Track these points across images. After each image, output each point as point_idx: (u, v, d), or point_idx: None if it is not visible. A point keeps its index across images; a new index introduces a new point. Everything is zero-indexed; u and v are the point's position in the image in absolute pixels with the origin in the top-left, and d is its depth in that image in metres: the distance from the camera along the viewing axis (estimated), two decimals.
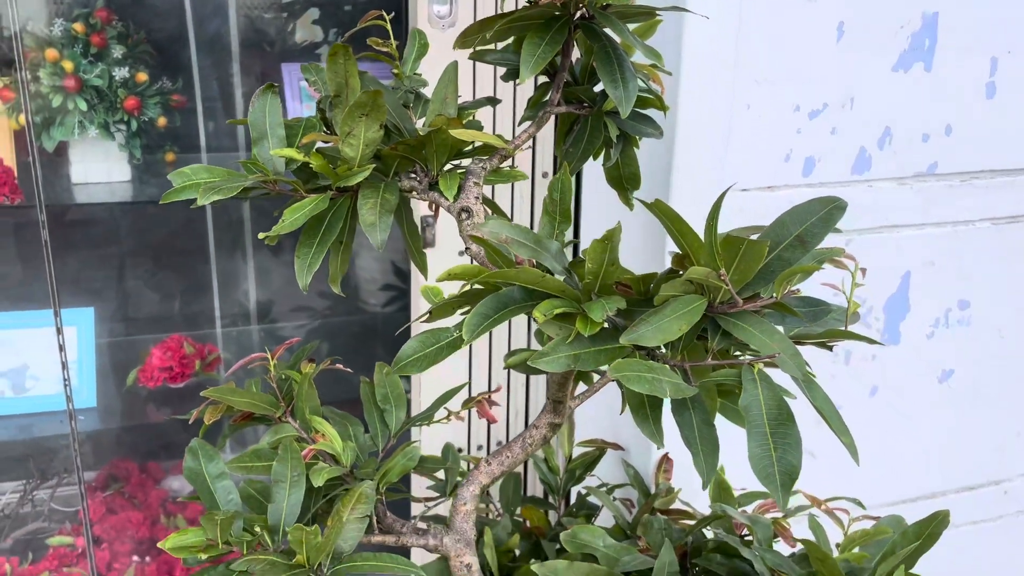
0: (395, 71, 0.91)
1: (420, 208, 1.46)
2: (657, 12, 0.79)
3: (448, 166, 0.86)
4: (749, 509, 1.18)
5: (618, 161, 0.94)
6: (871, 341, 0.67)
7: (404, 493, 1.00)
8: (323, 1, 1.88)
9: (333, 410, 1.03)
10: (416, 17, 1.35)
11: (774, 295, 0.61)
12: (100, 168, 1.62)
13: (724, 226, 0.64)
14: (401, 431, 1.01)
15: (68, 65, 1.51)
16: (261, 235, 0.78)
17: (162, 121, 1.65)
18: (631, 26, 0.82)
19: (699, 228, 0.64)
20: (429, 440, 1.52)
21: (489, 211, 0.81)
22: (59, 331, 1.54)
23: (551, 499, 1.33)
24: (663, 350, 0.65)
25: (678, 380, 0.57)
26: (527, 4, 0.71)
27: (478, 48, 0.82)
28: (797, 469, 0.55)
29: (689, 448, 0.59)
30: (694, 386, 0.59)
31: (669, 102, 1.22)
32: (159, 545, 0.80)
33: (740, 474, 1.11)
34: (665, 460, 1.35)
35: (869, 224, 1.37)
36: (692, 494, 1.24)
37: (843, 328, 0.69)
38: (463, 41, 0.73)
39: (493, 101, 0.93)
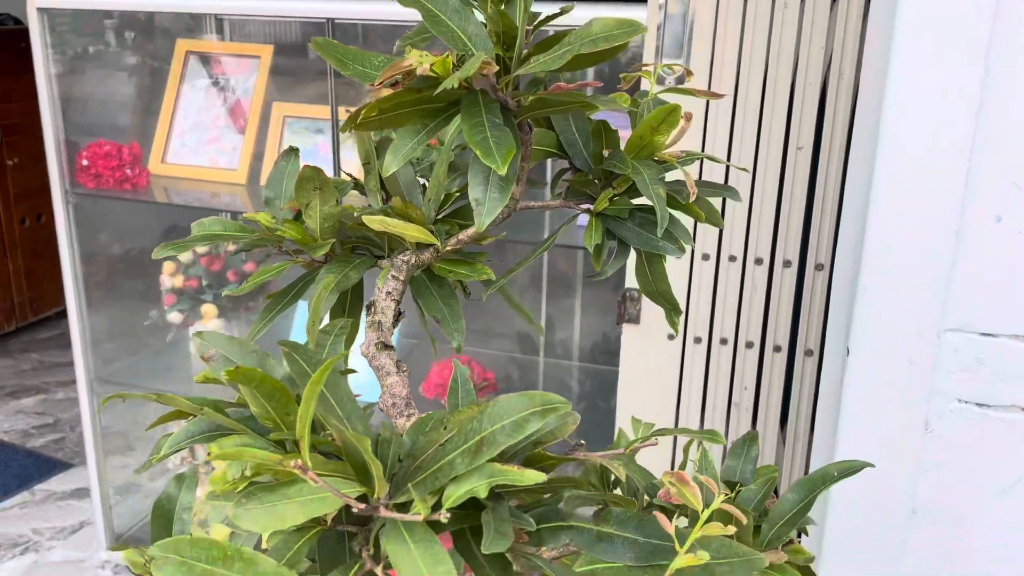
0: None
1: (630, 279, 1.32)
2: (592, 103, 0.60)
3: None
4: None
5: (647, 274, 0.75)
6: None
7: None
8: None
9: None
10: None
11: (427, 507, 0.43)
12: None
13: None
14: None
15: None
16: (225, 292, 0.80)
17: None
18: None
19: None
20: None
21: (389, 309, 0.71)
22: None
23: None
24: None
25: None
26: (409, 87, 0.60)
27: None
28: None
29: None
30: None
31: (859, 178, 0.93)
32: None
33: None
34: None
35: None
36: None
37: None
38: (347, 126, 0.64)
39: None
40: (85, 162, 1.84)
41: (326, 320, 0.75)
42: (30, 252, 4.00)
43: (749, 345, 1.30)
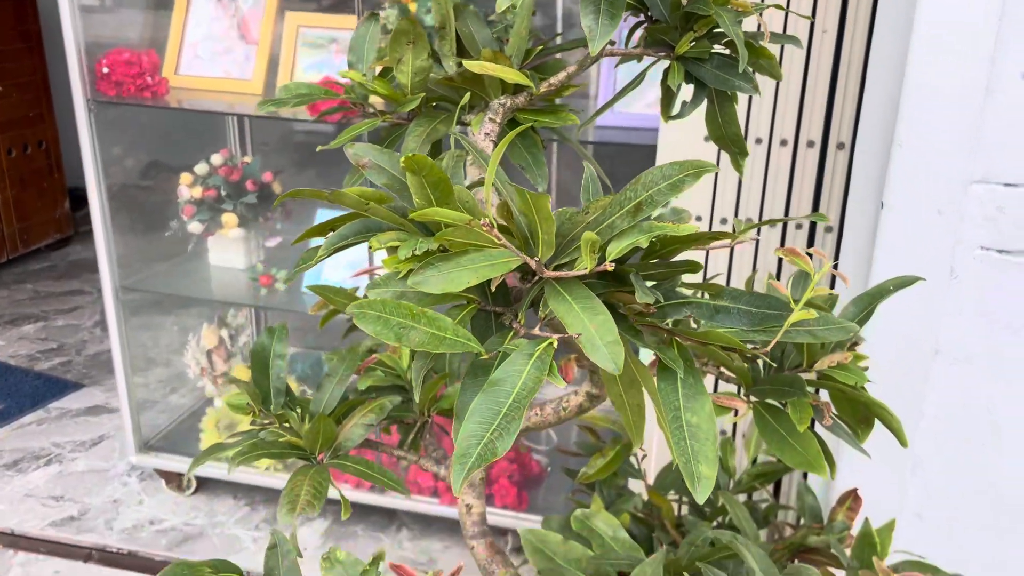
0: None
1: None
2: None
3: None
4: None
5: (717, 118, 0.82)
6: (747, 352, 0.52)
7: None
8: None
9: None
10: None
11: (587, 267, 0.51)
12: None
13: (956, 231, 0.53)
14: None
15: None
16: (319, 148, 0.86)
17: None
18: None
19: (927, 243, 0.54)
20: None
21: (488, 149, 0.77)
22: None
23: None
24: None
25: (441, 333, 0.52)
26: None
27: None
28: (494, 454, 0.47)
29: (457, 416, 0.53)
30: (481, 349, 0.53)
31: (885, 55, 1.00)
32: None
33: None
34: (853, 498, 1.14)
35: None
36: None
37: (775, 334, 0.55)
38: None
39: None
40: (105, 70, 1.86)
41: None
42: (18, 183, 3.97)
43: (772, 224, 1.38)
